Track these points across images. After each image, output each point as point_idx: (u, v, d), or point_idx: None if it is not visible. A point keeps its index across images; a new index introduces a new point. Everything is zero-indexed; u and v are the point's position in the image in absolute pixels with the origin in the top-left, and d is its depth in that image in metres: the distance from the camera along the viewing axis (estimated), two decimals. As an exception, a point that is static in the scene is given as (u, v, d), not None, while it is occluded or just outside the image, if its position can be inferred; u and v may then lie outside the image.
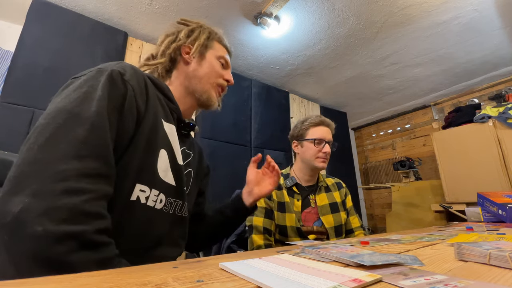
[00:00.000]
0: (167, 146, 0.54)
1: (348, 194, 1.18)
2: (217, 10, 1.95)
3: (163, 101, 0.58)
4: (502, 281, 0.24)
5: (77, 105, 0.40)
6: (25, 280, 0.22)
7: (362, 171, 4.19)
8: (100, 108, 0.41)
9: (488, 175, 2.16)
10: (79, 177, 0.36)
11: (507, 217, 0.87)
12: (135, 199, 0.47)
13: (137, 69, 0.52)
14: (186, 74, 0.66)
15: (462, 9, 2.00)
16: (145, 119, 0.49)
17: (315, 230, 1.03)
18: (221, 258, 0.38)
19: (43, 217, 0.32)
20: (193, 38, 0.67)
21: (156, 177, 0.50)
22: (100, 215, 0.37)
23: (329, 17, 2.04)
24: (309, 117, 1.14)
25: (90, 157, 0.38)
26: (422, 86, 3.19)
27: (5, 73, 1.67)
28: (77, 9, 1.91)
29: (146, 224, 0.49)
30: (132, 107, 0.47)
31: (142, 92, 0.50)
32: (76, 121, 0.39)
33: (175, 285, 0.23)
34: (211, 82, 0.67)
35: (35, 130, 0.38)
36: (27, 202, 0.32)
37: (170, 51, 0.65)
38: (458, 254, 0.34)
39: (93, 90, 0.43)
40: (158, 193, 0.51)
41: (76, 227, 0.33)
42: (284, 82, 3.00)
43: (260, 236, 0.99)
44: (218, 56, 0.69)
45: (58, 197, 0.33)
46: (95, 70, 0.47)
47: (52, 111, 0.40)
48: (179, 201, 0.57)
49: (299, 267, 0.29)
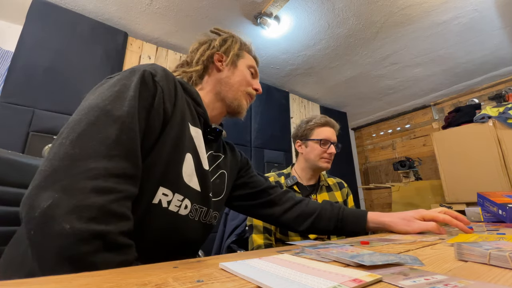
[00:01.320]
0: (193, 150, 0.53)
1: (349, 194, 1.19)
2: (217, 10, 1.95)
3: (192, 105, 0.58)
4: (502, 281, 0.24)
5: (110, 103, 0.41)
6: (25, 280, 0.22)
7: (362, 171, 4.20)
8: (132, 108, 0.42)
9: (488, 175, 2.16)
10: (108, 176, 0.36)
11: (507, 217, 0.87)
12: (157, 202, 0.46)
13: (168, 71, 0.52)
14: (218, 80, 0.67)
15: (462, 9, 2.00)
16: (172, 121, 0.49)
17: None
18: (221, 258, 0.38)
19: (71, 215, 0.32)
20: (226, 47, 0.69)
21: (181, 181, 0.50)
22: (125, 216, 0.37)
23: (329, 17, 2.04)
24: (314, 117, 1.14)
25: (120, 157, 0.38)
26: (422, 86, 3.19)
27: (5, 73, 1.67)
28: (77, 9, 1.91)
29: (169, 229, 0.49)
30: (159, 108, 0.47)
31: (171, 94, 0.50)
32: (108, 119, 0.39)
33: (175, 285, 0.23)
34: (242, 90, 0.68)
35: (68, 125, 0.38)
36: (56, 197, 0.32)
37: (204, 58, 0.67)
38: (458, 254, 0.34)
39: (125, 90, 0.43)
40: (182, 198, 0.50)
41: (102, 227, 0.33)
42: (284, 82, 3.00)
43: (260, 235, 0.99)
44: (248, 65, 0.71)
45: (87, 195, 0.33)
46: (129, 71, 0.47)
47: (85, 107, 0.40)
48: (204, 208, 0.56)
49: (299, 267, 0.29)
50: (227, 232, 1.23)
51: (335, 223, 0.73)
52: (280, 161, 2.73)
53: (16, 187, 0.60)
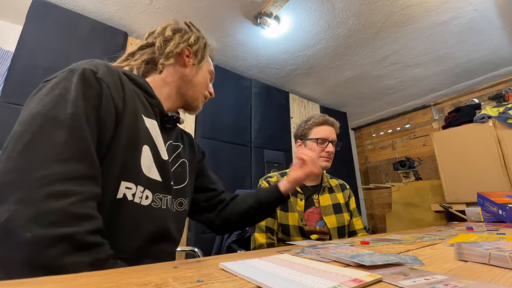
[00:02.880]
0: (150, 142, 0.53)
1: (351, 196, 1.18)
2: (217, 10, 1.95)
3: (142, 97, 0.57)
4: (502, 281, 0.24)
5: (52, 108, 0.39)
6: (25, 280, 0.22)
7: (362, 171, 4.19)
8: (76, 109, 0.40)
9: (488, 175, 2.16)
10: (64, 180, 0.35)
11: (507, 217, 0.87)
12: (121, 196, 0.46)
13: (110, 65, 0.51)
14: (181, 76, 0.66)
15: (462, 9, 2.00)
16: (125, 116, 0.49)
17: (317, 230, 1.03)
18: (221, 258, 0.38)
19: (31, 223, 0.31)
20: (197, 47, 0.69)
21: (141, 173, 0.50)
22: (90, 216, 0.36)
23: (329, 17, 2.04)
24: (313, 116, 1.15)
25: (72, 159, 0.37)
26: (422, 86, 3.19)
27: (5, 73, 1.67)
28: (77, 9, 1.91)
29: (135, 221, 0.49)
30: (109, 105, 0.46)
31: (118, 89, 0.49)
32: (53, 124, 0.38)
33: (175, 285, 0.23)
34: (202, 91, 0.71)
35: (12, 138, 0.37)
36: (13, 209, 0.31)
37: (179, 50, 0.65)
38: (458, 254, 0.34)
39: (66, 92, 0.41)
40: (143, 190, 0.50)
41: (66, 229, 0.32)
42: (284, 82, 3.00)
43: (263, 234, 1.00)
44: (210, 70, 0.74)
45: (44, 201, 0.32)
46: (66, 71, 0.45)
47: (27, 117, 0.38)
48: (168, 196, 0.57)
49: (299, 267, 0.29)
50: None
51: (252, 198, 0.77)
52: (280, 161, 2.73)
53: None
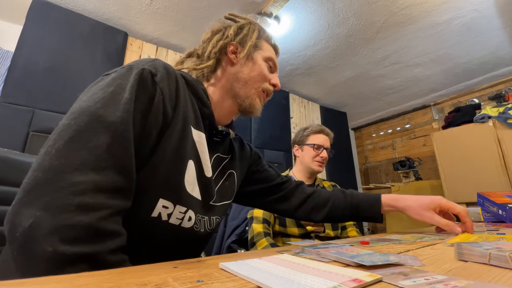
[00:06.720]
0: (195, 157, 0.49)
1: None
2: (217, 10, 1.95)
3: (196, 106, 0.52)
4: (502, 281, 0.24)
5: (102, 106, 0.37)
6: (25, 280, 0.22)
7: (362, 171, 4.19)
8: (126, 113, 0.38)
9: (488, 175, 2.16)
10: (96, 191, 0.33)
11: (507, 217, 0.87)
12: (156, 216, 0.43)
13: (170, 69, 0.47)
14: (230, 76, 0.59)
15: (462, 9, 2.00)
16: (172, 126, 0.45)
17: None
18: (221, 258, 0.38)
19: (54, 236, 0.29)
20: (241, 37, 0.61)
21: (183, 191, 0.46)
22: (116, 233, 0.34)
23: (329, 17, 2.04)
24: (311, 125, 1.31)
25: (110, 169, 0.35)
26: (422, 86, 3.19)
27: (5, 73, 1.67)
28: (77, 9, 1.91)
29: (169, 243, 0.46)
30: (158, 112, 0.42)
31: (172, 95, 0.45)
32: (99, 125, 0.35)
33: (175, 285, 0.23)
34: (256, 86, 0.60)
35: (56, 131, 0.35)
36: (38, 216, 0.29)
37: (217, 50, 0.59)
38: (458, 254, 0.34)
39: (121, 91, 0.39)
40: (185, 210, 0.46)
41: (89, 248, 0.30)
42: (284, 82, 3.00)
43: (260, 225, 1.06)
44: (266, 58, 0.62)
45: (72, 213, 0.30)
46: (126, 68, 0.43)
47: (76, 110, 0.36)
48: (206, 217, 0.53)
49: (299, 267, 0.29)
50: (227, 232, 1.24)
51: (350, 211, 0.72)
52: (280, 161, 2.73)
53: (15, 186, 0.60)
